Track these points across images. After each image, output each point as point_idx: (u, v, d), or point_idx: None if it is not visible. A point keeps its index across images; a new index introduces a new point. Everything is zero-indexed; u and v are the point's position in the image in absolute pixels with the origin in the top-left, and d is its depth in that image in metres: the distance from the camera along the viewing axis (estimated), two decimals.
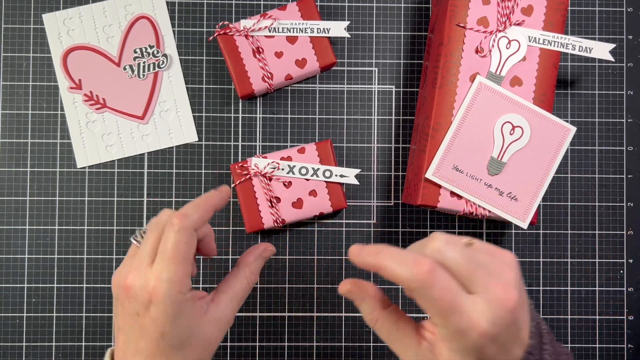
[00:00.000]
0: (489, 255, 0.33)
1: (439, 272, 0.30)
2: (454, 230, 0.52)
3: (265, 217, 0.48)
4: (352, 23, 0.52)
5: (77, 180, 0.51)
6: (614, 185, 0.52)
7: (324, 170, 0.48)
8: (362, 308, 0.36)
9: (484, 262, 0.32)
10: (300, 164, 0.48)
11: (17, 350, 0.50)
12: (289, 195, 0.49)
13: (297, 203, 0.49)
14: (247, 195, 0.48)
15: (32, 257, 0.51)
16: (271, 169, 0.48)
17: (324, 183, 0.49)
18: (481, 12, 0.45)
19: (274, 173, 0.48)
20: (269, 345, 0.51)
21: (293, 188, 0.49)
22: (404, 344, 0.34)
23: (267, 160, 0.49)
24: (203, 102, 0.52)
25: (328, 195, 0.49)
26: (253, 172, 0.48)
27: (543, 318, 0.52)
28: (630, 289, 0.52)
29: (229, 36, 0.49)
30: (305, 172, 0.48)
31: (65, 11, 0.51)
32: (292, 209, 0.49)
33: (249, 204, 0.48)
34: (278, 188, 0.48)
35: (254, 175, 0.48)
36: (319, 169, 0.48)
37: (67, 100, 0.51)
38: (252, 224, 0.48)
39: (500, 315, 0.30)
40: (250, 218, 0.48)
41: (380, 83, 0.52)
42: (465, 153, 0.45)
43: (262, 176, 0.48)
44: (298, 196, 0.49)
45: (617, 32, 0.53)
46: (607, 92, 0.53)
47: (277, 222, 0.48)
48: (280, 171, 0.48)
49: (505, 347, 0.31)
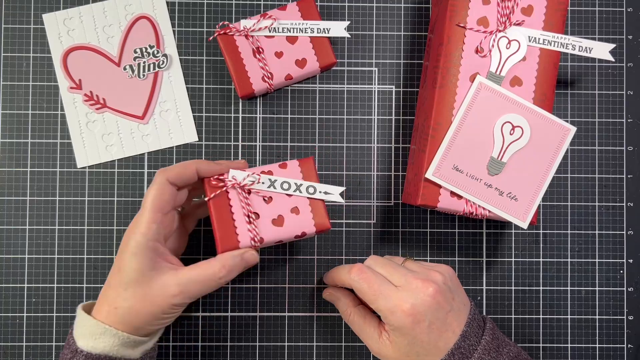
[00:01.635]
0: (420, 265, 0.44)
1: (366, 270, 0.42)
2: (454, 230, 0.52)
3: (242, 234, 0.43)
4: (352, 23, 0.52)
5: (77, 180, 0.51)
6: (614, 185, 0.52)
7: (308, 186, 0.44)
8: (339, 305, 0.47)
9: (414, 268, 0.43)
10: (282, 178, 0.44)
11: (17, 350, 0.50)
12: (269, 212, 0.44)
13: (278, 220, 0.44)
14: (223, 210, 0.43)
15: (32, 257, 0.51)
16: (250, 181, 0.43)
17: (307, 201, 0.44)
18: (481, 12, 0.45)
19: (253, 186, 0.43)
20: (268, 345, 0.51)
21: (274, 204, 0.44)
22: (369, 333, 0.44)
23: (246, 172, 0.44)
24: (203, 102, 0.52)
25: (312, 214, 0.44)
26: (230, 184, 0.43)
27: (543, 318, 0.52)
28: (630, 289, 0.52)
29: (229, 36, 0.49)
30: (288, 187, 0.44)
31: (65, 11, 0.51)
32: (272, 226, 0.43)
33: (224, 220, 0.43)
34: (257, 204, 0.44)
35: (231, 188, 0.43)
36: (302, 185, 0.44)
37: (67, 100, 0.51)
38: (226, 243, 0.42)
39: (420, 298, 0.40)
40: (224, 236, 0.42)
41: (380, 83, 0.52)
42: (465, 153, 0.45)
43: (240, 188, 0.43)
44: (279, 213, 0.44)
45: (617, 32, 0.53)
46: (607, 92, 0.53)
47: (255, 239, 0.42)
48: (261, 185, 0.43)
49: (434, 328, 0.40)
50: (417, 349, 0.41)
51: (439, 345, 0.40)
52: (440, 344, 0.40)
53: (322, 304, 0.51)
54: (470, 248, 0.52)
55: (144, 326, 0.40)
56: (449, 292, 0.42)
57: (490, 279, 0.52)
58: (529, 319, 0.52)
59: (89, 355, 0.39)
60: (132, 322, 0.39)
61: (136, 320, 0.39)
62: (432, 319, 0.40)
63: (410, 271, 0.42)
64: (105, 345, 0.39)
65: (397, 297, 0.40)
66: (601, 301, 0.52)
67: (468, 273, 0.52)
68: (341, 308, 0.47)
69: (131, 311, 0.39)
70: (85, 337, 0.39)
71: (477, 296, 0.52)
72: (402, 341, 0.41)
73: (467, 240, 0.52)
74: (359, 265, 0.43)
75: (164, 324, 0.42)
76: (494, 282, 0.52)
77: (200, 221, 0.51)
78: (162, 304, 0.39)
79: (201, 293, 0.40)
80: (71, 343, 0.40)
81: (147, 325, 0.40)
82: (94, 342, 0.39)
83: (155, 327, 0.41)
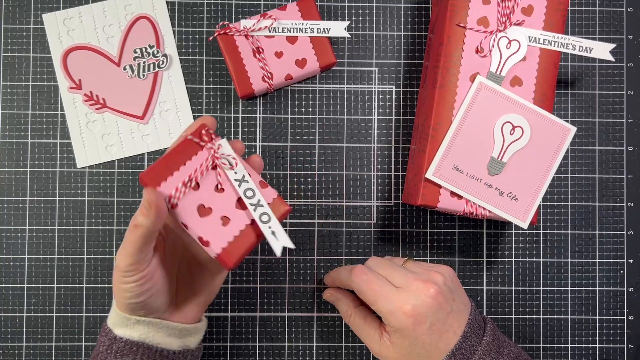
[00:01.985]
0: (421, 266, 0.44)
1: (367, 272, 0.42)
2: (454, 230, 0.52)
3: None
4: (352, 23, 0.52)
5: (77, 180, 0.51)
6: (614, 185, 0.52)
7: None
8: (339, 306, 0.47)
9: (415, 269, 0.43)
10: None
11: (17, 350, 0.50)
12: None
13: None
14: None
15: (32, 257, 0.51)
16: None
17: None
18: (481, 12, 0.45)
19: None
20: (269, 345, 0.51)
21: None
22: (369, 334, 0.44)
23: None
24: (203, 102, 0.52)
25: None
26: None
27: (543, 318, 0.52)
28: (630, 289, 0.52)
29: (229, 36, 0.49)
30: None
31: (65, 11, 0.51)
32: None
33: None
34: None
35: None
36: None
37: (67, 100, 0.51)
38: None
39: (421, 299, 0.40)
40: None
41: (380, 83, 0.52)
42: (465, 153, 0.45)
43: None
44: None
45: (617, 32, 0.53)
46: (607, 92, 0.53)
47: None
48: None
49: (435, 329, 0.40)
50: (418, 350, 0.41)
51: (440, 347, 0.40)
52: (441, 345, 0.40)
53: (322, 304, 0.51)
54: (470, 248, 0.52)
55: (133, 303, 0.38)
56: (449, 292, 0.42)
57: (490, 279, 0.52)
58: (529, 319, 0.52)
59: (128, 341, 0.39)
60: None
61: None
62: (433, 320, 0.40)
63: (410, 272, 0.42)
64: (140, 333, 0.39)
65: (397, 298, 0.40)
66: (601, 301, 0.52)
67: (468, 273, 0.52)
68: (342, 309, 0.47)
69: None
70: (120, 326, 0.39)
71: (477, 296, 0.52)
72: (403, 342, 0.41)
73: (467, 240, 0.52)
74: (359, 266, 0.43)
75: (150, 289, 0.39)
76: (494, 282, 0.52)
77: None
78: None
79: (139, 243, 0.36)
80: (107, 331, 0.40)
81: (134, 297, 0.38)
82: (130, 331, 0.39)
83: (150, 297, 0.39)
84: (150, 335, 0.39)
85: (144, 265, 0.36)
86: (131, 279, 0.36)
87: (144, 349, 0.39)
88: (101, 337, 0.40)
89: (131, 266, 0.36)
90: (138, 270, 0.36)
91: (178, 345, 0.41)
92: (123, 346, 0.39)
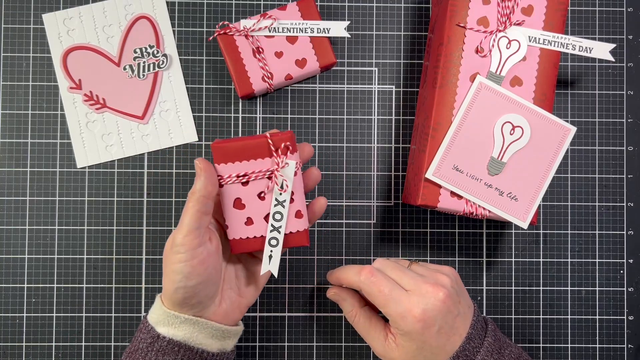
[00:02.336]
0: (426, 268, 0.44)
1: (377, 274, 0.42)
2: (454, 230, 0.52)
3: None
4: (352, 23, 0.52)
5: (77, 180, 0.51)
6: (614, 185, 0.52)
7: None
8: (344, 306, 0.47)
9: (421, 272, 0.43)
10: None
11: (17, 350, 0.50)
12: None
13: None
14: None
15: (32, 257, 0.51)
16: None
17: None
18: (481, 12, 0.45)
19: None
20: (269, 345, 0.51)
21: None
22: (374, 336, 0.44)
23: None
24: (203, 102, 0.52)
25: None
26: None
27: (543, 318, 0.52)
28: (630, 289, 0.52)
29: (229, 36, 0.49)
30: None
31: (65, 11, 0.51)
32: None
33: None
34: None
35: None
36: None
37: (67, 100, 0.51)
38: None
39: (431, 303, 0.40)
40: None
41: (380, 83, 0.52)
42: (465, 153, 0.45)
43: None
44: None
45: (617, 32, 0.53)
46: (607, 92, 0.53)
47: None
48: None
49: (443, 333, 0.40)
50: (425, 354, 0.41)
51: (447, 349, 0.40)
52: (448, 348, 0.41)
53: (322, 304, 0.51)
54: (470, 248, 0.52)
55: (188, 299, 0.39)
56: (456, 295, 0.42)
57: (490, 279, 0.52)
58: (529, 319, 0.52)
59: (171, 341, 0.39)
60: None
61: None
62: (442, 324, 0.40)
63: (418, 275, 0.42)
64: (185, 332, 0.39)
65: (408, 301, 0.40)
66: (601, 301, 0.52)
67: (468, 273, 0.52)
68: (346, 309, 0.47)
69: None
70: (164, 325, 0.39)
71: (477, 296, 0.52)
72: (410, 346, 0.41)
73: (467, 240, 0.52)
74: (369, 267, 0.42)
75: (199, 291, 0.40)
76: (494, 282, 0.52)
77: None
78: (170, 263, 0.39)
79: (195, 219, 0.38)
80: (149, 329, 0.40)
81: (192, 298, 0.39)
82: (175, 330, 0.39)
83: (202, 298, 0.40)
84: (194, 336, 0.40)
85: (197, 240, 0.38)
86: (183, 256, 0.37)
87: (185, 349, 0.39)
88: (141, 333, 0.40)
89: (185, 237, 0.37)
90: (191, 245, 0.37)
91: (217, 348, 0.41)
92: (166, 345, 0.39)
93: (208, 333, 0.40)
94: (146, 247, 0.51)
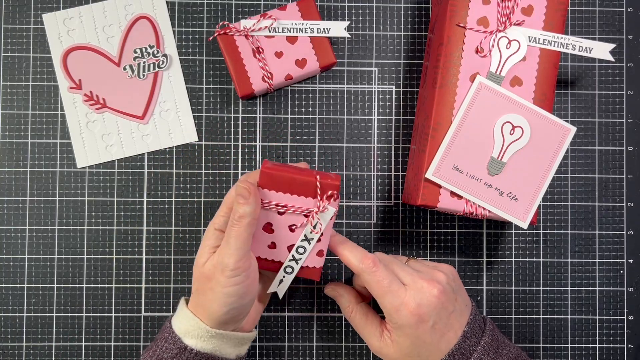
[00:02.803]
0: (424, 265, 0.44)
1: (379, 264, 0.42)
2: (454, 230, 0.52)
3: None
4: (352, 23, 0.52)
5: (77, 180, 0.51)
6: (614, 185, 0.52)
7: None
8: (341, 302, 0.47)
9: (418, 268, 0.43)
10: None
11: (17, 350, 0.50)
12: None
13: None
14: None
15: (32, 257, 0.51)
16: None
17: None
18: (481, 12, 0.45)
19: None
20: (268, 345, 0.51)
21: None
22: (370, 332, 0.44)
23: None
24: (203, 102, 0.52)
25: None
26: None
27: (543, 318, 0.52)
28: (630, 289, 0.52)
29: (229, 36, 0.49)
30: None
31: (65, 11, 0.51)
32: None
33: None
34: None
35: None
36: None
37: (67, 100, 0.51)
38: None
39: (426, 298, 0.40)
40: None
41: (380, 83, 0.52)
42: (465, 153, 0.45)
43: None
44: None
45: (617, 32, 0.53)
46: (607, 92, 0.53)
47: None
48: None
49: (437, 329, 0.40)
50: (419, 350, 0.41)
51: (441, 347, 0.41)
52: (442, 346, 0.41)
53: (322, 304, 0.51)
54: (470, 248, 0.52)
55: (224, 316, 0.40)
56: (452, 292, 0.42)
57: (490, 279, 0.52)
58: (529, 319, 0.52)
59: (199, 353, 0.39)
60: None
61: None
62: (436, 319, 0.40)
63: (415, 270, 0.43)
64: (214, 345, 0.40)
65: (404, 295, 0.41)
66: (601, 301, 0.52)
67: (468, 273, 0.52)
68: (343, 304, 0.47)
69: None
70: (193, 337, 0.40)
71: (477, 296, 0.52)
72: (404, 341, 0.41)
73: (467, 240, 0.52)
74: (372, 257, 0.42)
75: (239, 305, 0.40)
76: (494, 282, 0.52)
77: None
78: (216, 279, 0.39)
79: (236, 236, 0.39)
80: (176, 339, 0.40)
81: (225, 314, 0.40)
82: (204, 343, 0.40)
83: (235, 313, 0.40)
84: (221, 347, 0.40)
85: (248, 262, 0.39)
86: (239, 278, 0.38)
87: None
88: (166, 343, 0.40)
89: (239, 262, 0.38)
90: (244, 267, 0.38)
91: (235, 354, 0.42)
92: (193, 357, 0.39)
93: (232, 343, 0.41)
94: (146, 247, 0.51)
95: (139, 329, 0.51)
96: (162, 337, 0.41)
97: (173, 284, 0.51)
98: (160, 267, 0.51)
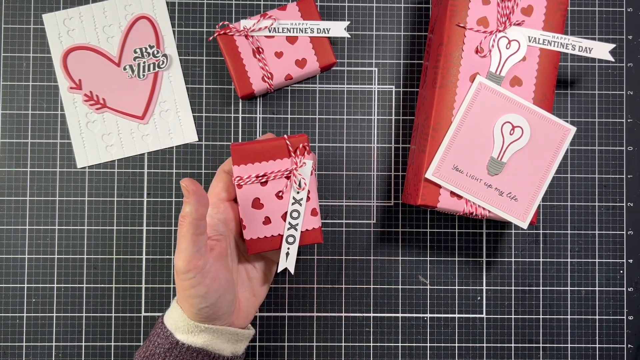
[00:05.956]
0: None
1: None
2: (454, 230, 0.52)
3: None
4: (352, 23, 0.52)
5: (77, 180, 0.51)
6: (614, 185, 0.53)
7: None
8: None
9: None
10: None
11: (17, 350, 0.50)
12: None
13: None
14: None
15: (32, 257, 0.51)
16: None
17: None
18: (481, 12, 0.45)
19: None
20: (269, 345, 0.51)
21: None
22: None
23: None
24: (203, 102, 0.52)
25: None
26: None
27: (543, 318, 0.52)
28: (630, 289, 0.52)
29: (229, 36, 0.49)
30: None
31: (65, 11, 0.51)
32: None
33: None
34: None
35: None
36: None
37: (67, 100, 0.51)
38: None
39: None
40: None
41: (380, 83, 0.52)
42: (465, 153, 0.45)
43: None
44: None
45: (617, 32, 0.53)
46: (607, 92, 0.53)
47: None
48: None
49: None
50: None
51: None
52: None
53: (322, 304, 0.51)
54: (470, 248, 0.52)
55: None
56: None
57: (490, 279, 0.52)
58: (529, 319, 0.52)
59: (190, 347, 0.39)
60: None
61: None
62: None
63: None
64: (204, 340, 0.40)
65: None
66: (601, 301, 0.52)
67: (468, 273, 0.52)
68: None
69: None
70: (184, 332, 0.39)
71: (477, 296, 0.52)
72: None
73: (467, 240, 0.52)
74: None
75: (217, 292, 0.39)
76: (494, 282, 0.52)
77: None
78: None
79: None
80: (168, 335, 0.40)
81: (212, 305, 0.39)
82: (194, 338, 0.39)
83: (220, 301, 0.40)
84: (212, 342, 0.40)
85: (200, 261, 0.37)
86: (194, 280, 0.37)
87: (203, 355, 0.39)
88: (158, 338, 0.40)
89: (189, 263, 0.37)
90: (197, 267, 0.37)
91: (230, 351, 0.41)
92: (184, 352, 0.39)
93: (225, 338, 0.41)
94: (146, 247, 0.51)
95: (139, 329, 0.51)
96: (155, 333, 0.41)
97: (173, 284, 0.51)
98: (160, 267, 0.51)
